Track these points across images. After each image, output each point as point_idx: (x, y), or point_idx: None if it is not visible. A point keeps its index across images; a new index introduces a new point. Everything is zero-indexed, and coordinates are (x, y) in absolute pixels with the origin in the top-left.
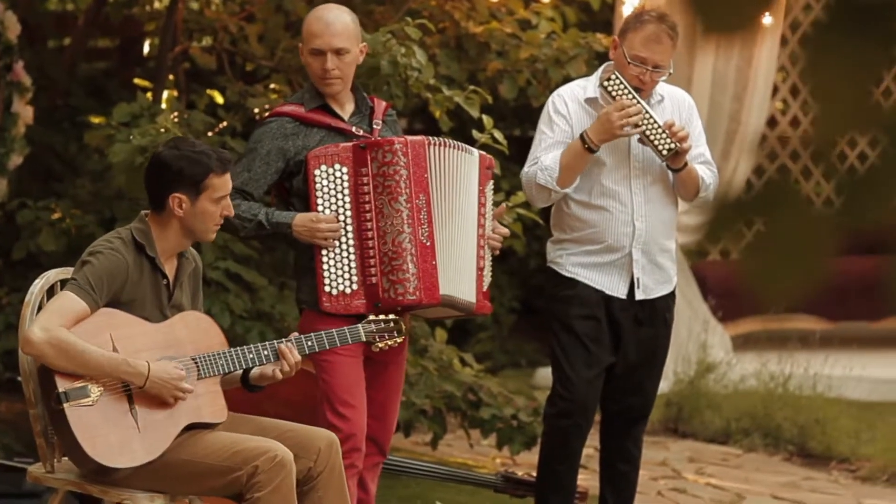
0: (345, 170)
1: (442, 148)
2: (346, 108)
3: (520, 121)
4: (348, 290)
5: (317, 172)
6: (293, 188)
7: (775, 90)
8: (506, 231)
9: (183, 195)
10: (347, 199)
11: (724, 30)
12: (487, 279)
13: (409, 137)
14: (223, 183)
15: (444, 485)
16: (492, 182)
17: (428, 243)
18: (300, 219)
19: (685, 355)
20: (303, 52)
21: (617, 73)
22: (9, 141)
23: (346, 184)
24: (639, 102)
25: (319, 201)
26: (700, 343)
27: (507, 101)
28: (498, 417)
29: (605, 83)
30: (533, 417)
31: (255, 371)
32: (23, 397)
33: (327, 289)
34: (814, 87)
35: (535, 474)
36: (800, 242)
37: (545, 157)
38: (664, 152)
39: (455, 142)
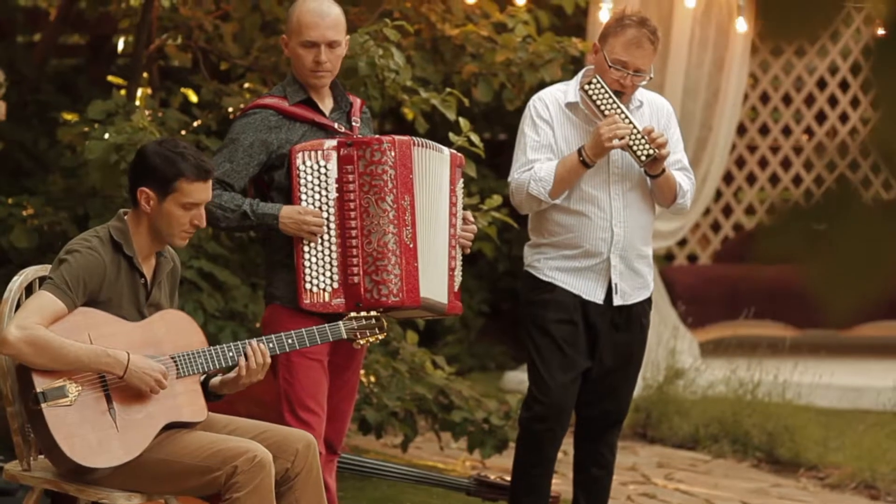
0: (330, 166)
1: (424, 149)
2: (327, 104)
3: (490, 124)
4: (329, 289)
5: (301, 167)
6: (274, 182)
7: (745, 98)
8: (474, 228)
9: (150, 191)
10: (332, 195)
11: (793, 36)
12: (458, 279)
13: (396, 137)
14: (194, 190)
15: (415, 487)
16: (462, 181)
17: (411, 245)
18: (287, 211)
19: (654, 361)
20: (288, 43)
21: (598, 77)
22: None
23: (330, 180)
24: (619, 107)
25: (303, 196)
26: (669, 349)
27: (477, 104)
28: (469, 421)
29: (586, 87)
30: (504, 421)
31: (216, 379)
32: None
33: (308, 286)
34: (879, 94)
35: (507, 478)
36: (865, 249)
37: (539, 168)
38: (642, 158)
39: (431, 142)
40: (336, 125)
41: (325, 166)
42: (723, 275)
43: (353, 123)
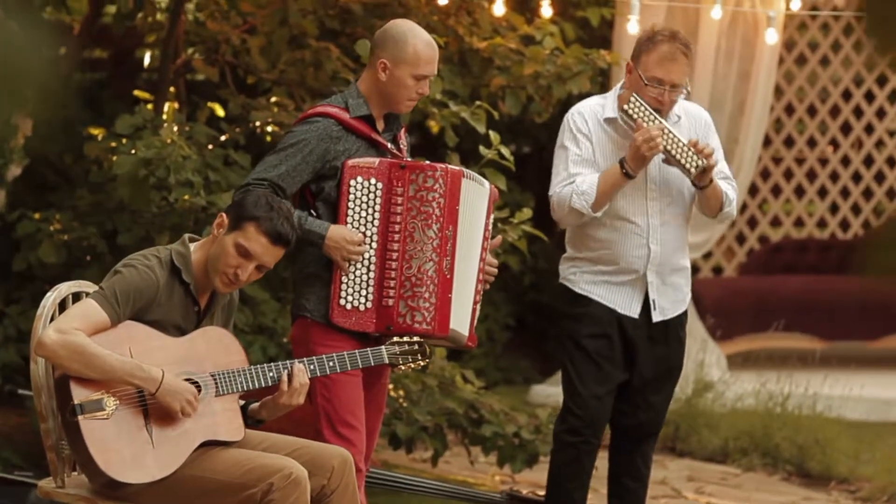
0: (380, 185)
1: (471, 181)
2: (380, 123)
3: (514, 136)
4: (362, 307)
5: (352, 183)
6: (322, 192)
7: (770, 109)
8: (496, 262)
9: (227, 219)
10: (377, 215)
11: None
12: (477, 313)
13: (450, 166)
14: (256, 240)
15: (446, 502)
16: (492, 215)
17: (448, 275)
18: (334, 232)
19: (683, 374)
20: (389, 68)
21: (636, 95)
22: (7, 152)
23: (378, 199)
24: (660, 123)
25: (350, 212)
26: (697, 362)
27: (502, 117)
28: (500, 435)
29: (626, 107)
30: (535, 435)
31: (255, 404)
32: (20, 410)
33: (342, 301)
34: None
35: (538, 493)
36: None
37: (581, 182)
38: (692, 170)
39: (476, 174)
40: (389, 145)
41: (375, 185)
42: (750, 287)
43: (402, 146)
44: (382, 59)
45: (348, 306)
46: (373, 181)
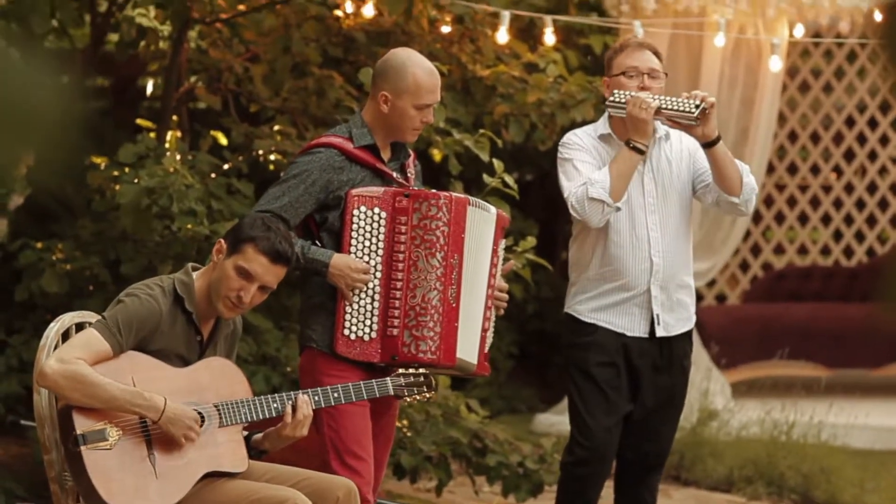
0: (384, 215)
1: (477, 209)
2: (387, 152)
3: (517, 164)
4: (366, 337)
5: (355, 213)
6: (326, 222)
7: (773, 136)
8: (506, 286)
9: (225, 244)
10: (381, 244)
11: None
12: (489, 340)
13: (454, 194)
14: (255, 261)
15: None
16: (504, 241)
17: (454, 304)
18: (338, 261)
19: (687, 402)
20: (391, 100)
21: (617, 90)
22: (10, 181)
23: (382, 229)
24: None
25: (353, 242)
26: (702, 391)
27: (505, 145)
28: (504, 464)
29: (610, 99)
30: (539, 465)
31: (258, 435)
32: (23, 440)
33: (346, 332)
34: None
35: None
36: None
37: (592, 173)
38: (694, 112)
39: (482, 201)
40: (394, 175)
41: (379, 214)
42: (755, 315)
43: (409, 175)
44: (383, 91)
45: (352, 336)
46: (376, 210)
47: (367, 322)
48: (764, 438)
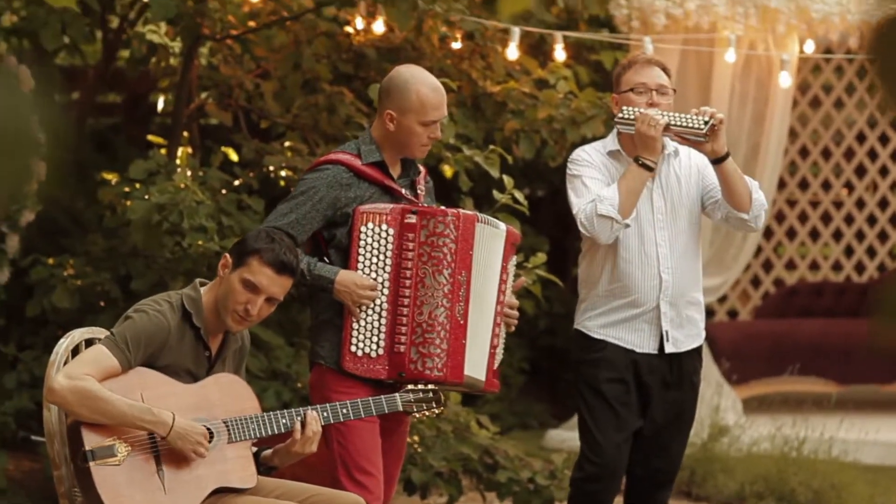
0: (391, 231)
1: (485, 225)
2: (396, 169)
3: (528, 180)
4: (374, 354)
5: (363, 229)
6: (334, 239)
7: (784, 152)
8: (516, 303)
9: (230, 258)
10: (389, 261)
11: None
12: (499, 357)
13: (462, 211)
14: (261, 273)
15: None
16: (515, 257)
17: (462, 321)
18: (344, 277)
19: (698, 418)
20: (397, 119)
21: (625, 106)
22: (21, 197)
23: (390, 245)
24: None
25: (360, 258)
26: (713, 406)
27: (516, 161)
28: (515, 480)
29: (619, 115)
30: (550, 481)
31: (267, 451)
32: (34, 456)
33: (353, 348)
34: None
35: None
36: None
37: (601, 190)
38: (703, 129)
39: (491, 218)
40: (403, 191)
41: (386, 231)
42: (766, 331)
43: (419, 191)
44: (388, 109)
45: (359, 353)
46: (384, 227)
47: (375, 339)
48: (775, 454)
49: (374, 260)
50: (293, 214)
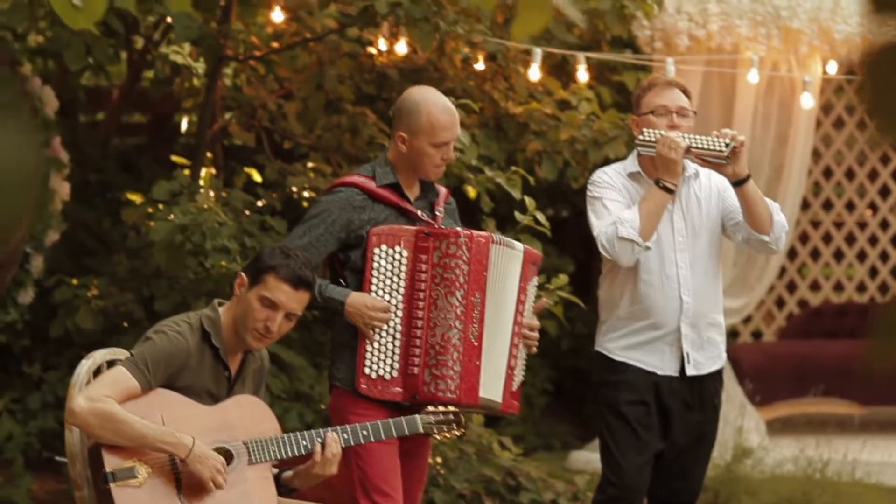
0: (405, 253)
1: (500, 246)
2: (414, 191)
3: (552, 201)
4: (388, 376)
5: (376, 251)
6: (349, 261)
7: (808, 173)
8: (538, 324)
9: (245, 276)
10: (402, 283)
11: None
12: (518, 378)
13: (475, 232)
14: (278, 289)
15: None
16: (535, 278)
17: (476, 343)
18: (354, 299)
19: (721, 440)
20: (408, 141)
21: (646, 128)
22: (46, 217)
23: (403, 268)
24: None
25: (374, 281)
26: (736, 427)
27: (540, 181)
28: (537, 502)
29: (639, 138)
30: (572, 502)
31: (288, 473)
32: (59, 477)
33: (367, 371)
34: None
35: None
36: None
37: (622, 212)
38: (724, 151)
39: (507, 238)
40: (419, 213)
41: (400, 253)
42: (789, 352)
43: (437, 213)
44: (399, 132)
45: (374, 375)
46: (397, 249)
47: (389, 361)
48: (798, 476)
49: (388, 282)
50: (307, 237)
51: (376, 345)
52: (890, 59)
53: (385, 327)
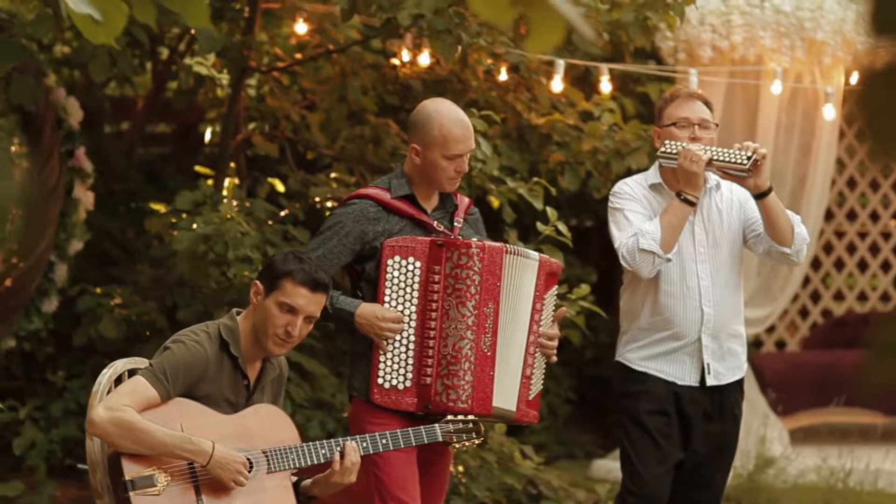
0: (418, 264)
1: (514, 256)
2: (431, 202)
3: (575, 211)
4: (401, 386)
5: (390, 262)
6: (365, 273)
7: (832, 183)
8: (557, 333)
9: (261, 284)
10: (416, 294)
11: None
12: (536, 387)
13: (488, 242)
14: (296, 294)
15: None
16: (555, 287)
17: (489, 353)
18: (364, 310)
19: (744, 449)
20: (422, 153)
21: (668, 140)
22: (70, 227)
23: (417, 279)
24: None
25: (388, 292)
26: (759, 437)
27: (563, 191)
28: None
29: (661, 150)
30: None
31: (307, 481)
32: (81, 484)
33: (380, 381)
34: None
35: None
36: None
37: (643, 224)
38: (745, 164)
39: (522, 248)
40: (435, 223)
41: (413, 263)
42: (812, 361)
43: (455, 224)
44: (413, 144)
45: (387, 385)
46: (410, 260)
47: (402, 371)
48: (821, 486)
49: (401, 293)
50: (321, 249)
51: (390, 355)
52: (885, 82)
53: (398, 338)
